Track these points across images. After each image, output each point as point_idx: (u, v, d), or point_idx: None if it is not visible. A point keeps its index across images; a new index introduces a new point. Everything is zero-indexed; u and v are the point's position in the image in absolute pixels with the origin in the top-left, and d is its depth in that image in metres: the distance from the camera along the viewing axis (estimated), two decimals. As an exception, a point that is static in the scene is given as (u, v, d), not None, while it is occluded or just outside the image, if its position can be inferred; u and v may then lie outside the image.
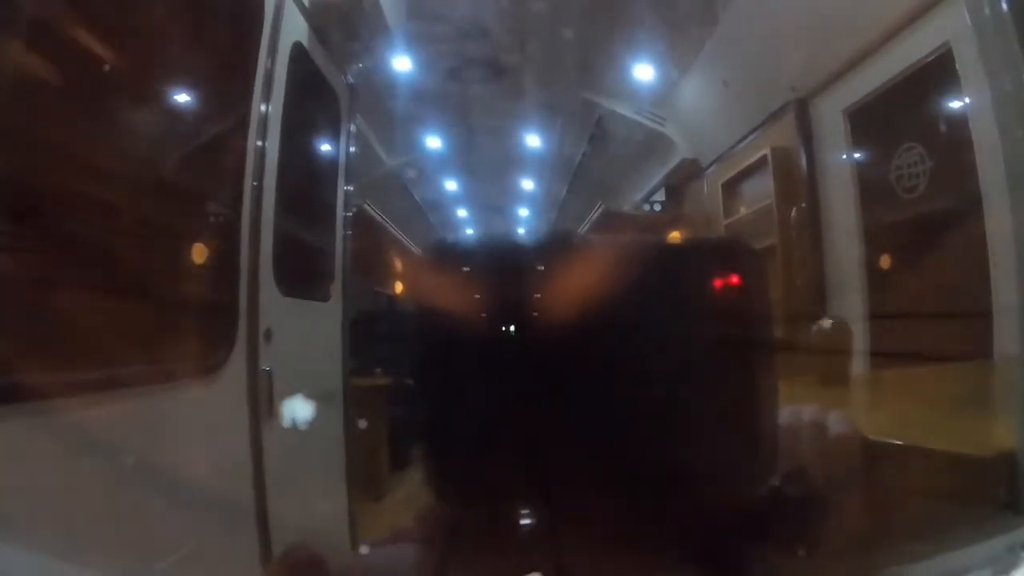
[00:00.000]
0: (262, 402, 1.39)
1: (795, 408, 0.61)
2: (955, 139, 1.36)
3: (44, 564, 0.61)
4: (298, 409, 1.31)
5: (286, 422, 1.33)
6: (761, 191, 2.06)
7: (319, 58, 1.73)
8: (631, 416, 0.49)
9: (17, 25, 0.91)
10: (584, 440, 0.49)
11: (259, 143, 1.44)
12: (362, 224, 1.97)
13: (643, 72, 2.21)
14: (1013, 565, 0.58)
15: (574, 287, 0.49)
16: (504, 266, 0.54)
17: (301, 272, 1.68)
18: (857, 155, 1.79)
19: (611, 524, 0.51)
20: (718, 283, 0.52)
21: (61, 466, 0.87)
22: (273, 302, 1.48)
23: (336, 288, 1.88)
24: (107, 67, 1.11)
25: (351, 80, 1.92)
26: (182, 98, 1.36)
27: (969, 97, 1.30)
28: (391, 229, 2.08)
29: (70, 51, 1.03)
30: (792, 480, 0.55)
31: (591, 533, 0.51)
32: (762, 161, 2.05)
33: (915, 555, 0.61)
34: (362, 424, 1.63)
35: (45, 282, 0.99)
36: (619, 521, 0.51)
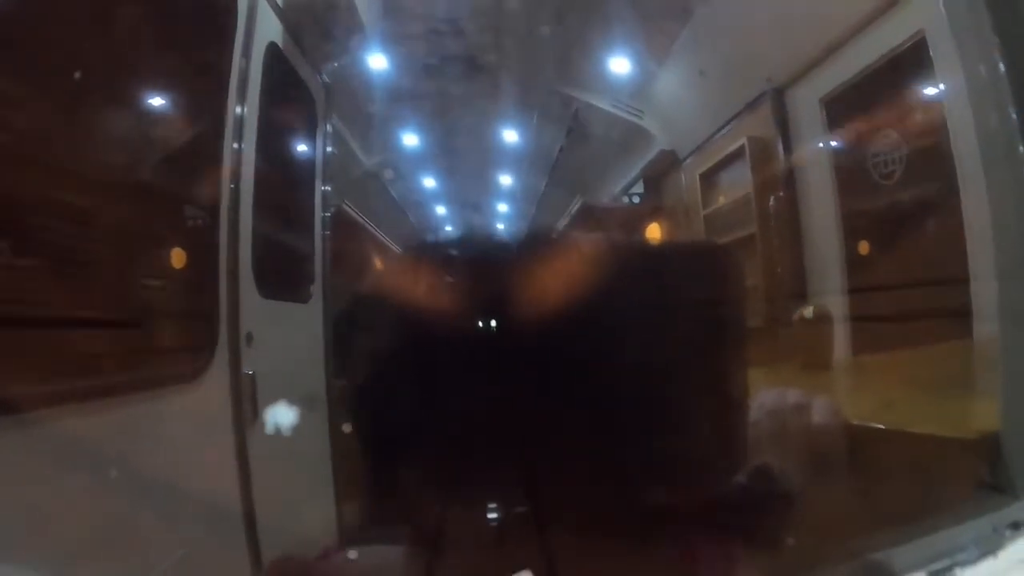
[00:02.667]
0: (246, 406, 1.38)
1: (779, 391, 0.61)
2: (930, 125, 1.38)
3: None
4: (281, 415, 1.30)
5: (269, 430, 1.32)
6: (739, 181, 2.07)
7: (294, 58, 1.72)
8: (607, 411, 0.49)
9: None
10: (562, 434, 0.49)
11: (235, 145, 1.43)
12: (341, 224, 1.96)
13: (619, 65, 2.21)
14: (998, 544, 0.59)
15: (552, 283, 0.49)
16: (483, 264, 0.54)
17: (281, 274, 1.67)
18: (834, 143, 1.80)
19: (590, 514, 0.51)
20: (696, 285, 0.53)
21: (42, 479, 0.86)
22: (253, 305, 1.47)
23: (316, 289, 1.87)
24: (77, 70, 1.09)
25: (327, 80, 1.91)
26: (156, 102, 1.34)
27: (943, 84, 1.31)
28: (371, 228, 2.07)
29: (36, 56, 1.02)
30: (758, 476, 0.55)
31: (572, 524, 0.51)
32: (739, 151, 2.06)
33: (900, 537, 0.62)
34: (346, 428, 1.62)
35: (21, 292, 0.97)
36: (597, 511, 0.51)
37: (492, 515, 0.56)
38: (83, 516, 0.88)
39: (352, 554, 0.70)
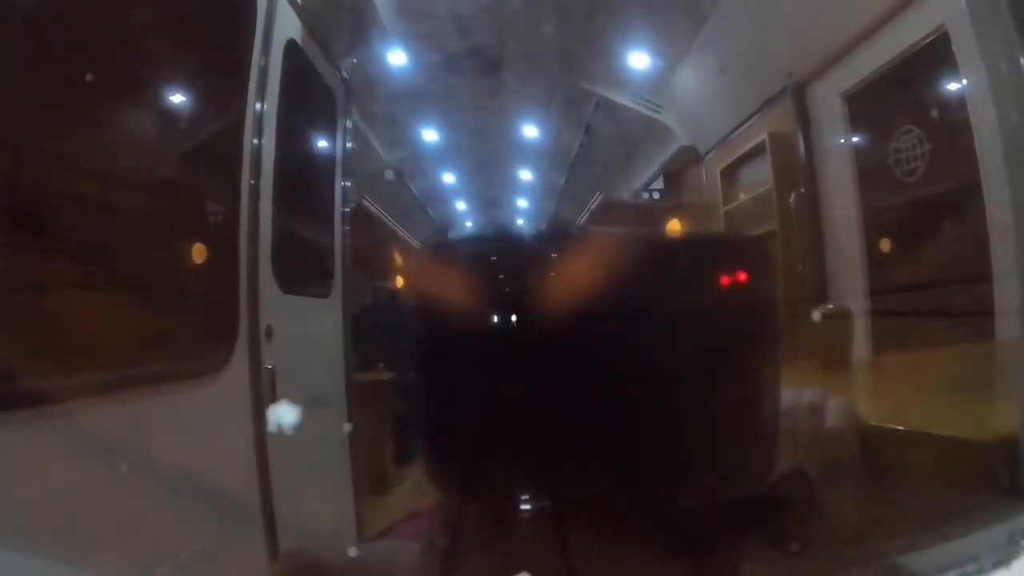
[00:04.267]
0: (265, 400, 1.39)
1: (795, 390, 0.61)
2: (953, 122, 1.36)
3: (47, 570, 0.61)
4: (283, 415, 1.30)
5: (271, 428, 1.32)
6: (760, 177, 2.05)
7: (313, 54, 1.73)
8: (633, 408, 0.49)
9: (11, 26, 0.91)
10: (586, 432, 0.49)
11: (255, 141, 1.44)
12: (361, 219, 1.97)
13: (639, 60, 2.20)
14: (1014, 554, 0.57)
15: (575, 278, 0.49)
16: (504, 259, 0.54)
17: (300, 269, 1.68)
18: (855, 139, 1.78)
19: (614, 517, 0.51)
20: (724, 279, 0.52)
21: (63, 470, 0.87)
22: (273, 300, 1.48)
23: (336, 284, 1.88)
24: (100, 66, 1.10)
25: (346, 76, 1.91)
26: (177, 98, 1.35)
27: (966, 79, 1.29)
28: (390, 224, 2.08)
29: (61, 51, 1.03)
30: (791, 480, 0.55)
31: (594, 525, 0.51)
32: (760, 147, 2.04)
33: (914, 544, 0.61)
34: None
35: (45, 285, 0.99)
36: (622, 513, 0.51)
37: (513, 512, 0.56)
38: (102, 507, 0.90)
39: (353, 551, 0.70)
